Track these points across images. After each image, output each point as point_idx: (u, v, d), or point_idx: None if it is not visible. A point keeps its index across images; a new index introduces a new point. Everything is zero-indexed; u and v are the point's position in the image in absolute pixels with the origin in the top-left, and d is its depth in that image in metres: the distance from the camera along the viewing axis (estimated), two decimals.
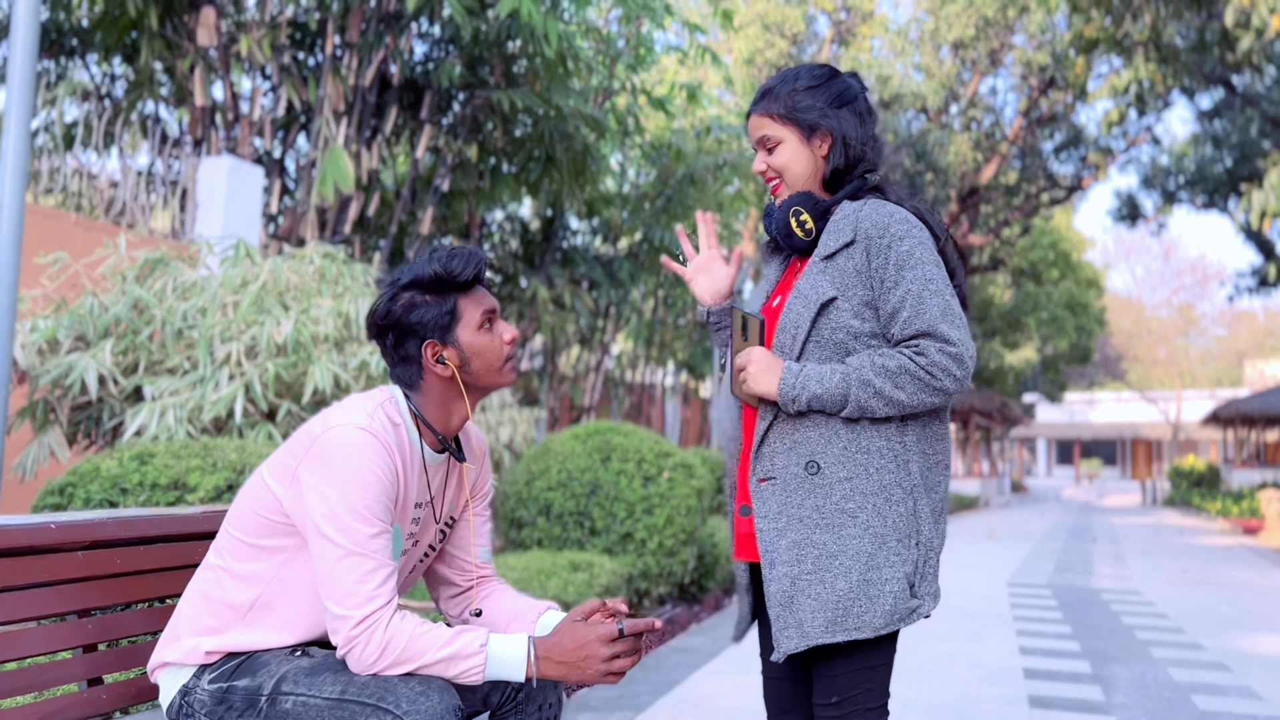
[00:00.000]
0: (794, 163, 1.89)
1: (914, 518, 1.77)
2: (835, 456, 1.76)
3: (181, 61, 8.30)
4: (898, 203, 1.86)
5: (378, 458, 1.67)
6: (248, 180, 7.57)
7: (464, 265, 1.79)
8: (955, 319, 1.74)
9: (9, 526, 1.69)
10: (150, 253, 4.84)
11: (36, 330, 4.38)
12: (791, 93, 1.89)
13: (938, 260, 1.79)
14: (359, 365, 4.31)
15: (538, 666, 1.66)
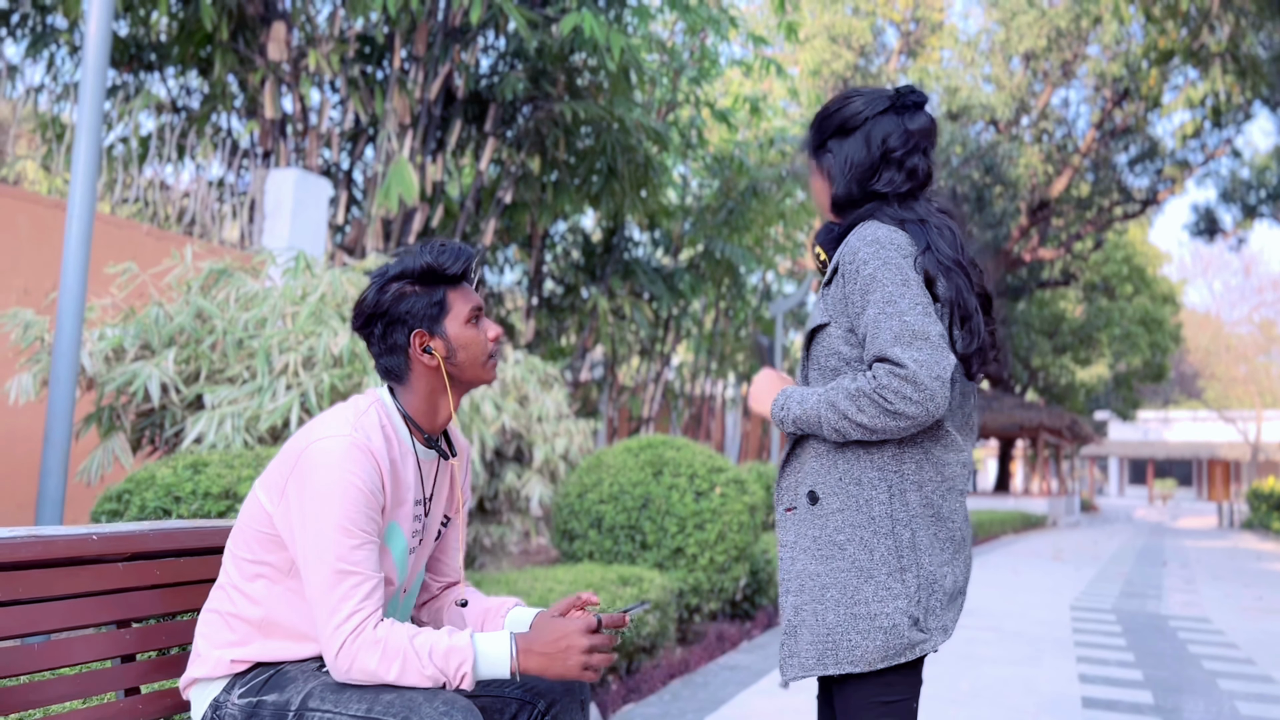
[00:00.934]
0: (817, 194, 1.94)
1: (911, 550, 1.73)
2: (830, 487, 1.77)
3: (253, 75, 8.50)
4: (885, 221, 1.81)
5: (359, 468, 1.68)
6: (314, 191, 7.71)
7: (453, 259, 1.83)
8: (911, 339, 1.66)
9: (52, 538, 1.74)
10: (215, 263, 4.96)
11: (104, 338, 4.50)
12: (812, 127, 1.94)
13: (905, 278, 1.71)
14: None
15: (519, 660, 1.68)
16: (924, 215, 1.83)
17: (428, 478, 1.88)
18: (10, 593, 1.64)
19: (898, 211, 1.84)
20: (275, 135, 8.59)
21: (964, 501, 1.81)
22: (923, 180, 1.88)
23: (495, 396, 4.90)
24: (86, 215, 3.92)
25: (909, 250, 1.76)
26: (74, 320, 3.92)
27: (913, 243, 1.77)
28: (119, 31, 9.10)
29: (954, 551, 1.77)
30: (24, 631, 1.67)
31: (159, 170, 7.92)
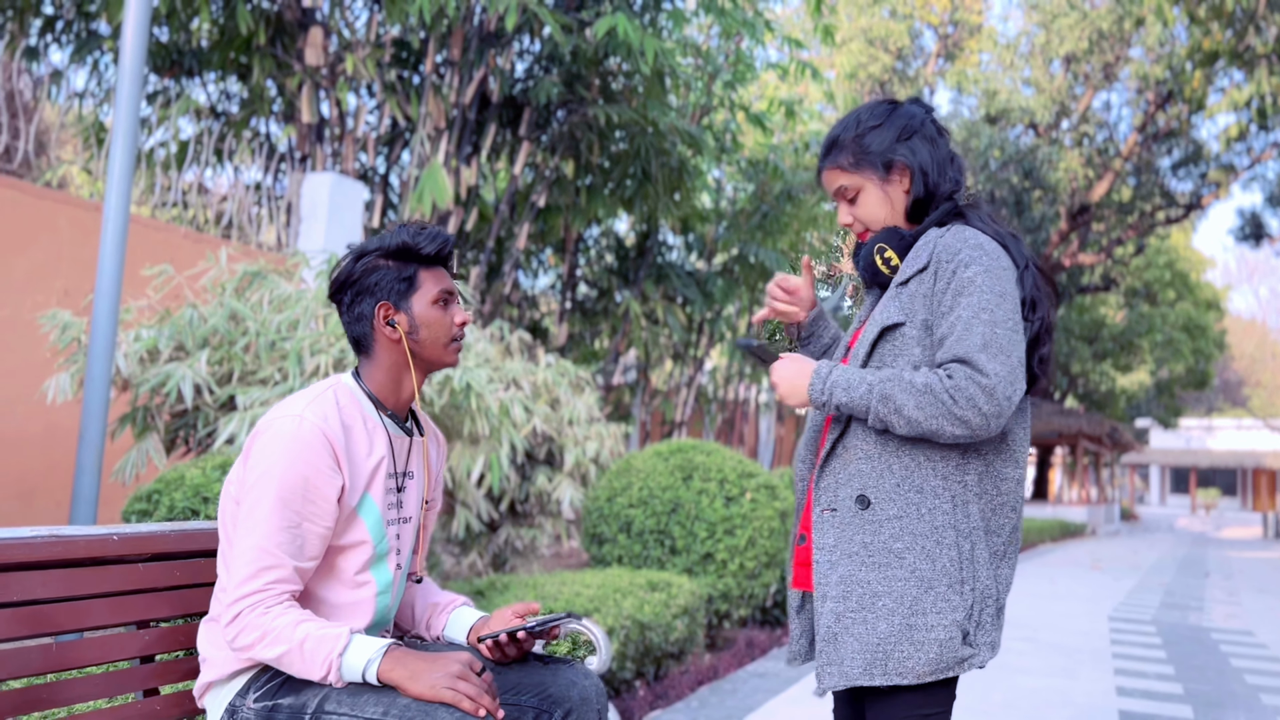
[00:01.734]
0: (877, 206, 1.87)
1: (970, 563, 1.70)
2: (886, 492, 1.71)
3: (290, 80, 8.58)
4: (981, 228, 1.80)
5: (304, 450, 1.71)
6: (349, 195, 7.77)
7: (429, 241, 1.87)
8: (999, 351, 1.64)
9: (73, 538, 1.74)
10: (249, 266, 5.00)
11: (139, 340, 4.55)
12: (857, 138, 1.87)
13: (1004, 291, 1.69)
14: (443, 379, 4.37)
15: (383, 665, 1.65)
16: (1000, 229, 1.83)
17: (400, 453, 1.90)
18: (29, 593, 1.65)
19: (985, 218, 1.84)
20: (312, 139, 8.66)
21: (1016, 517, 1.77)
22: (964, 176, 1.91)
23: (525, 399, 4.89)
24: (121, 218, 3.97)
25: (1005, 262, 1.74)
26: (109, 321, 3.96)
27: (1005, 256, 1.76)
28: (160, 37, 9.22)
29: (998, 566, 1.75)
30: (44, 631, 1.67)
31: (199, 174, 8.01)
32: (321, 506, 1.73)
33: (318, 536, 1.74)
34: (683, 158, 10.99)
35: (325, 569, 1.80)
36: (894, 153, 1.85)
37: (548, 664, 1.95)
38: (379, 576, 1.85)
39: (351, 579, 1.81)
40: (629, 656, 4.17)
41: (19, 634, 1.64)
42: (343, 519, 1.78)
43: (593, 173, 10.62)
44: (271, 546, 1.69)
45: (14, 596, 1.63)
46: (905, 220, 1.88)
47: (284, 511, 1.70)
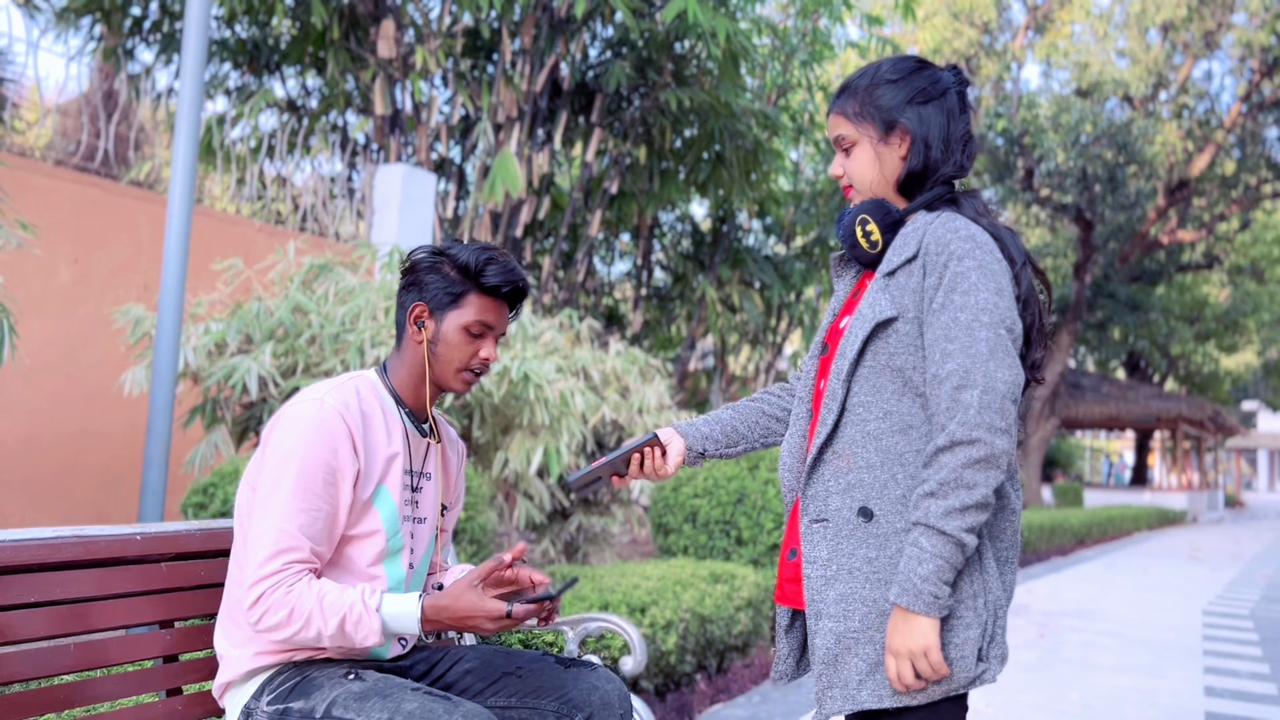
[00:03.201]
0: (867, 167, 1.70)
1: (980, 574, 1.57)
2: (891, 503, 1.58)
3: (364, 73, 8.69)
4: (974, 217, 1.64)
5: (322, 433, 1.72)
6: (421, 186, 7.83)
7: (495, 274, 1.84)
8: (1006, 354, 1.51)
9: (95, 538, 1.76)
10: (315, 259, 5.06)
11: (208, 333, 4.64)
12: (870, 87, 1.71)
13: (1001, 288, 1.56)
14: (500, 371, 4.37)
15: (426, 625, 1.70)
16: (995, 222, 1.69)
17: (417, 452, 1.90)
18: (51, 593, 1.67)
19: (980, 207, 1.67)
20: (386, 131, 8.76)
21: (1016, 520, 1.64)
22: (973, 164, 1.74)
23: (586, 389, 4.87)
24: (185, 213, 4.04)
25: (998, 255, 1.59)
26: (174, 315, 4.04)
27: (1004, 249, 1.62)
28: (241, 34, 9.42)
29: (1002, 573, 1.62)
30: (67, 631, 1.69)
31: (278, 167, 8.17)
32: (340, 490, 1.74)
33: (334, 522, 1.74)
34: (758, 140, 10.83)
35: (336, 558, 1.79)
36: (900, 114, 1.68)
37: (569, 667, 1.91)
38: (391, 571, 1.84)
39: (364, 571, 1.80)
40: (688, 649, 4.12)
41: (41, 634, 1.65)
42: (357, 507, 1.78)
43: (666, 157, 10.54)
44: (292, 528, 1.69)
45: (36, 597, 1.65)
46: (895, 191, 1.71)
47: (304, 494, 1.70)
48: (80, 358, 5.56)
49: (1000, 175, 18.72)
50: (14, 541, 1.65)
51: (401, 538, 1.85)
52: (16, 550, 1.64)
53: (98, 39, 9.37)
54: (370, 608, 1.67)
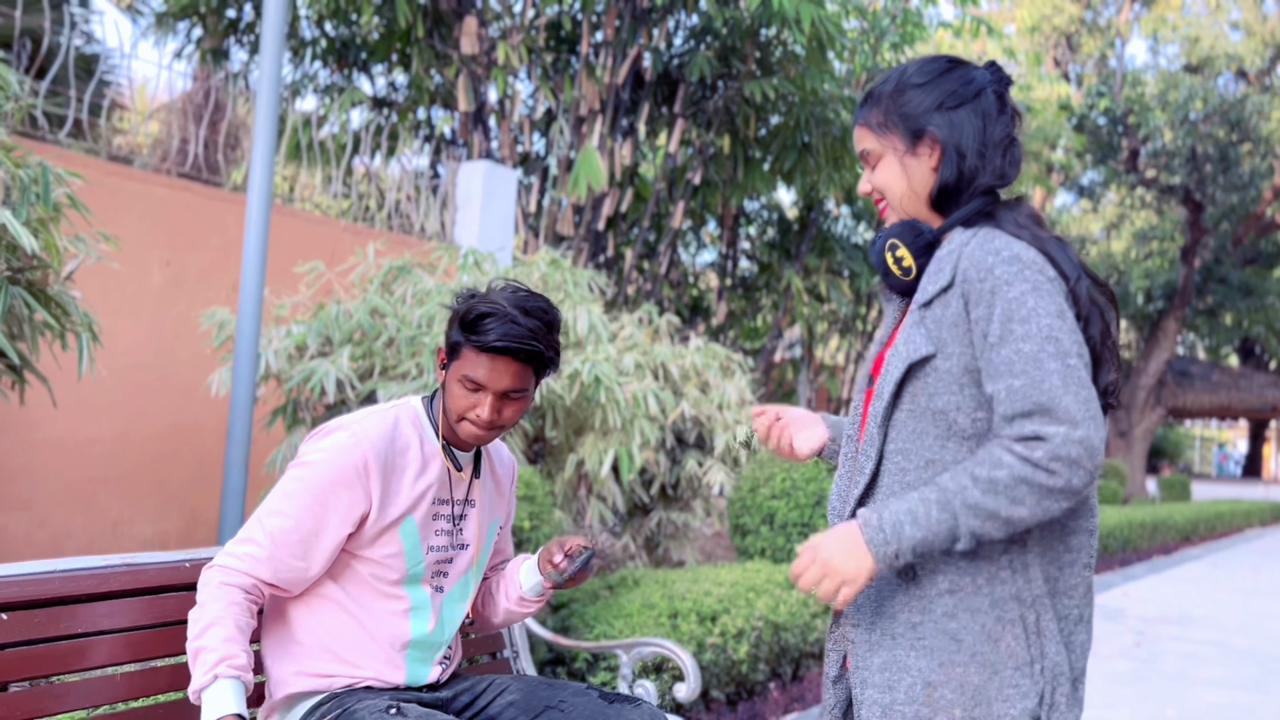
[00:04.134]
0: (895, 182, 1.55)
1: (1037, 638, 1.43)
2: (935, 562, 1.45)
3: (448, 70, 8.77)
4: (1014, 232, 1.47)
5: (345, 460, 1.73)
6: (502, 182, 7.88)
7: (489, 330, 1.77)
8: (1081, 387, 1.35)
9: (144, 566, 1.79)
10: (394, 260, 5.12)
11: (289, 336, 4.73)
12: (894, 93, 1.56)
13: (1062, 309, 1.39)
14: (571, 374, 4.35)
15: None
16: (1047, 230, 1.51)
17: (456, 483, 1.90)
18: (99, 623, 1.70)
19: (1022, 219, 1.49)
20: (470, 126, 8.83)
21: (1089, 575, 1.50)
22: (1018, 170, 1.55)
23: (658, 390, 4.83)
24: (263, 216, 4.09)
25: (1050, 274, 1.43)
26: (253, 321, 4.12)
27: (1049, 267, 1.44)
28: (330, 33, 9.59)
29: (1070, 634, 1.48)
30: (116, 660, 1.72)
31: (368, 164, 8.30)
32: (331, 520, 1.75)
33: (313, 545, 1.75)
34: (845, 127, 10.63)
35: (349, 575, 1.82)
36: (927, 120, 1.52)
37: (612, 703, 1.88)
38: (413, 593, 1.86)
39: (382, 589, 1.83)
40: (761, 658, 4.06)
41: (90, 664, 1.68)
42: (373, 532, 1.79)
43: (750, 146, 10.41)
44: (269, 528, 1.73)
45: (85, 627, 1.68)
46: (927, 206, 1.55)
47: (291, 500, 1.74)
48: (172, 357, 5.74)
49: (1103, 157, 18.04)
50: (64, 573, 1.68)
51: (424, 566, 1.86)
52: (66, 582, 1.67)
53: (195, 42, 9.64)
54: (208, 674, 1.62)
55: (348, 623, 1.79)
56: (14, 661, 1.58)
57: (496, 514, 2.01)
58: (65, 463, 5.34)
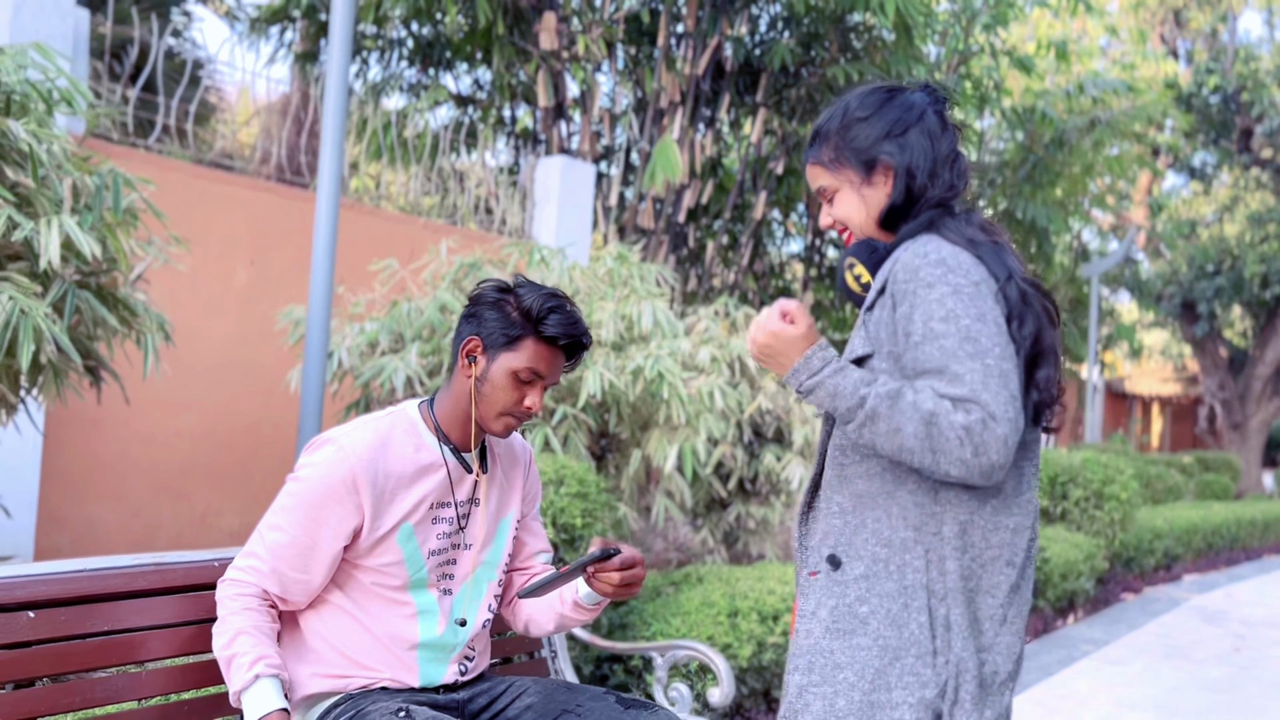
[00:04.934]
0: (854, 212, 1.63)
1: (944, 630, 1.45)
2: (856, 549, 1.51)
3: (528, 66, 8.83)
4: (951, 237, 1.52)
5: (331, 475, 1.74)
6: (580, 177, 7.90)
7: (556, 324, 1.80)
8: (1001, 388, 1.38)
9: (174, 565, 1.83)
10: (465, 258, 5.18)
11: (362, 333, 4.83)
12: (841, 130, 1.63)
13: (983, 313, 1.43)
14: (634, 370, 4.34)
15: None
16: (987, 233, 1.55)
17: (459, 483, 1.88)
18: (125, 621, 1.75)
19: (961, 227, 1.55)
20: (550, 121, 8.88)
21: (1015, 574, 1.50)
22: (966, 181, 1.62)
23: (725, 386, 4.77)
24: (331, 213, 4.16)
25: (979, 275, 1.47)
26: (322, 316, 4.20)
27: (979, 268, 1.48)
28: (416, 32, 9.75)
29: (995, 633, 1.48)
30: (143, 658, 1.77)
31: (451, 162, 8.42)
32: (325, 535, 1.76)
33: (312, 557, 1.77)
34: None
35: (353, 583, 1.83)
36: (879, 150, 1.60)
37: (629, 708, 1.86)
38: (418, 598, 1.86)
39: (386, 595, 1.84)
40: None
41: (117, 662, 1.73)
42: (368, 543, 1.80)
43: None
44: (268, 540, 1.76)
45: (111, 625, 1.73)
46: (877, 227, 1.63)
47: (285, 516, 1.76)
48: (257, 354, 5.92)
49: (1215, 137, 17.24)
50: (91, 572, 1.73)
51: (427, 571, 1.85)
52: (94, 580, 1.73)
53: (287, 46, 9.91)
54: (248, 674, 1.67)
55: (356, 628, 1.81)
56: (41, 659, 1.64)
57: (509, 509, 1.99)
58: (156, 456, 5.56)
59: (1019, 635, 1.51)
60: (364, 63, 10.00)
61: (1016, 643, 1.50)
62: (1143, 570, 7.95)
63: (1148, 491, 11.52)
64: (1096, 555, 6.60)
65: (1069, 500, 6.87)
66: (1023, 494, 1.51)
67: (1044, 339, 1.50)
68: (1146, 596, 7.34)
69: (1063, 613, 6.25)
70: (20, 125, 2.69)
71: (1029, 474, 1.54)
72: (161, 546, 5.57)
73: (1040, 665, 5.03)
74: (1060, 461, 6.97)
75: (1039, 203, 12.60)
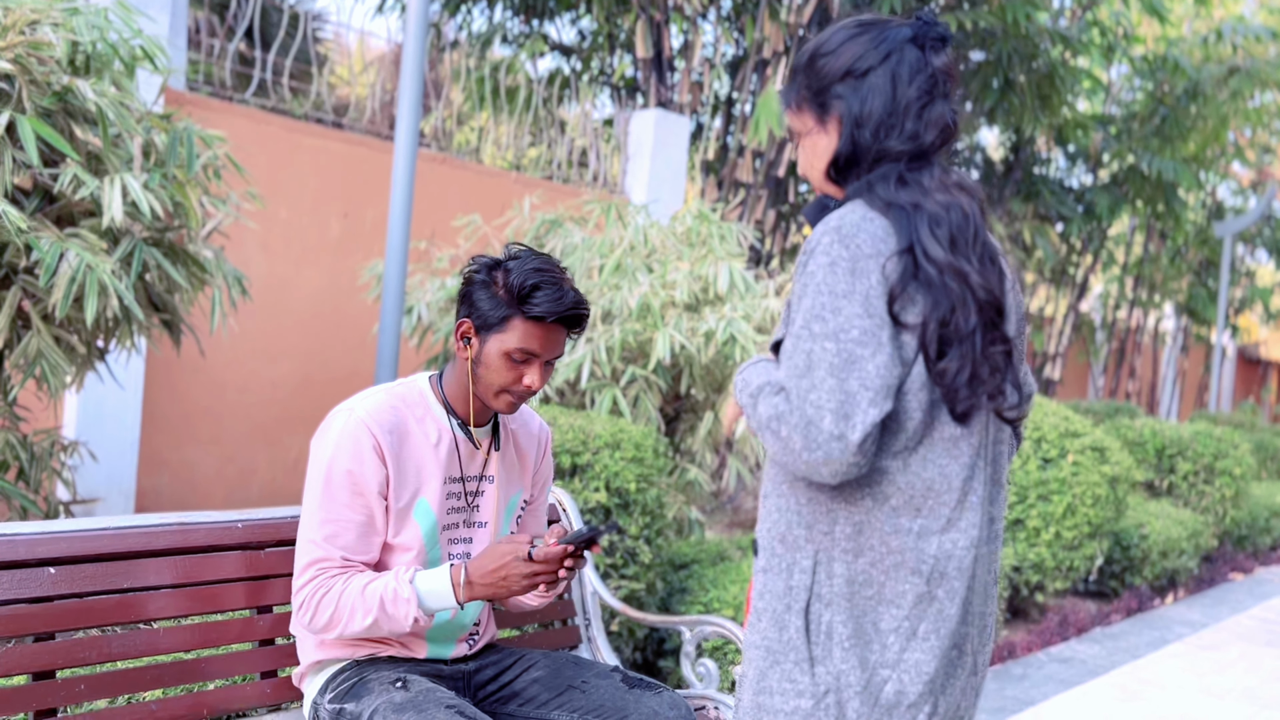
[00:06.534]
0: (808, 162, 1.47)
1: (825, 638, 1.34)
2: (763, 538, 1.43)
3: (627, 16, 8.71)
4: (874, 202, 1.36)
5: (349, 444, 1.73)
6: (673, 131, 7.79)
7: (541, 302, 1.74)
8: (827, 376, 1.26)
9: (195, 525, 1.88)
10: (547, 214, 5.17)
11: (443, 289, 4.88)
12: (807, 65, 1.45)
13: (848, 290, 1.29)
14: (706, 332, 4.27)
15: (465, 591, 1.71)
16: (922, 195, 1.36)
17: (468, 459, 1.86)
18: (146, 579, 1.80)
19: (893, 190, 1.37)
20: (650, 73, 8.76)
21: (920, 583, 1.34)
22: (946, 134, 1.41)
23: None
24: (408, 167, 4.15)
25: (876, 248, 1.31)
26: (398, 271, 4.24)
27: (888, 237, 1.32)
28: None
29: (900, 648, 1.33)
30: (166, 615, 1.82)
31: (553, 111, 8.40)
32: (369, 499, 1.75)
33: (370, 529, 1.76)
34: (1054, 62, 9.89)
35: (382, 564, 1.81)
36: (832, 92, 1.42)
37: (633, 687, 1.84)
38: None
39: None
40: None
41: (134, 619, 1.79)
42: (394, 517, 1.78)
43: None
44: (319, 538, 1.74)
45: (130, 583, 1.78)
46: (827, 181, 1.46)
47: (329, 505, 1.74)
48: (349, 305, 6.05)
49: None
50: (114, 530, 1.79)
51: (440, 548, 1.84)
52: (115, 539, 1.78)
53: None
54: (403, 581, 1.70)
55: None
56: (61, 613, 1.70)
57: (517, 487, 1.97)
58: (251, 403, 5.75)
59: (937, 654, 1.34)
60: (469, 13, 10.02)
61: (930, 660, 1.33)
62: (1257, 549, 7.55)
63: (1272, 465, 10.92)
64: (1204, 533, 6.28)
65: (1176, 474, 6.55)
66: (930, 494, 1.34)
67: (955, 322, 1.31)
68: (1257, 578, 6.98)
69: (1161, 591, 5.99)
70: (88, 84, 2.76)
71: (966, 478, 1.35)
72: (255, 491, 5.79)
73: (1127, 647, 4.83)
74: (1168, 434, 6.64)
75: (1168, 157, 11.92)
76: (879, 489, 1.34)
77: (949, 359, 1.32)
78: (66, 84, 2.75)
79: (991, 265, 1.37)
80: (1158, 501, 6.37)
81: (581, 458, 3.22)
